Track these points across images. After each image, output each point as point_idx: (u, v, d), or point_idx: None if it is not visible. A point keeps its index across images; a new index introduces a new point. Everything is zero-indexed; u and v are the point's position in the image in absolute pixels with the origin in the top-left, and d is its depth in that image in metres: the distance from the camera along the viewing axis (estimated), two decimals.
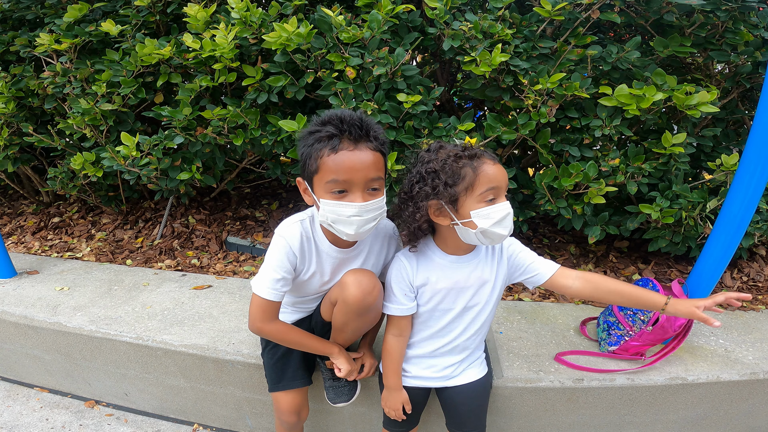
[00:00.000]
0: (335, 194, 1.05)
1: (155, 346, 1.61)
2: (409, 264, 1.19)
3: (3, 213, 2.78)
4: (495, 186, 1.04)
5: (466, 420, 1.32)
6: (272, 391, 1.39)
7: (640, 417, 1.53)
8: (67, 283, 1.99)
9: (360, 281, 1.16)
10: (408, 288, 1.20)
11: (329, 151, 1.03)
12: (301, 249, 1.19)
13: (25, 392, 1.90)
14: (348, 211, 1.05)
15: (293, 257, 1.18)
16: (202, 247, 2.32)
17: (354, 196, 1.05)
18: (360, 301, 1.16)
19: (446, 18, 1.65)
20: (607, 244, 2.28)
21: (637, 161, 1.72)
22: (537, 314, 1.79)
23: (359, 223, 1.06)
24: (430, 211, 1.09)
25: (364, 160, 1.04)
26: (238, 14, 1.69)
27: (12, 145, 2.23)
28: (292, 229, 1.19)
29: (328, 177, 1.04)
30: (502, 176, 1.05)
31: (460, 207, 1.06)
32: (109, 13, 2.06)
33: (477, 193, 1.04)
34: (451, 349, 1.26)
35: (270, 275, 1.18)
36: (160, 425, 1.76)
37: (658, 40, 1.70)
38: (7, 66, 2.18)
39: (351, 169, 1.03)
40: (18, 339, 1.80)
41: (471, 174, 1.03)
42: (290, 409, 1.37)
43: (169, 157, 1.97)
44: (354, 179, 1.04)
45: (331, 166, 1.03)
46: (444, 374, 1.29)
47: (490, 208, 1.04)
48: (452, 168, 1.04)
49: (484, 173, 1.03)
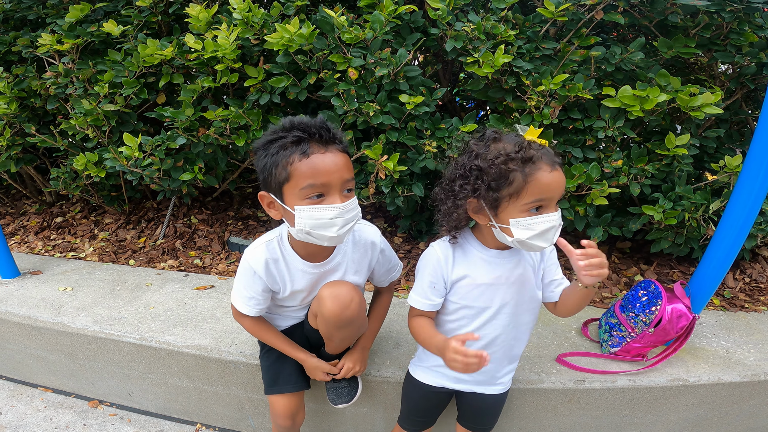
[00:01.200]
0: (313, 199, 1.02)
1: (158, 346, 1.61)
2: (445, 257, 1.10)
3: (6, 213, 2.78)
4: (546, 197, 0.94)
5: (482, 420, 1.32)
6: (267, 393, 1.38)
7: (641, 418, 1.53)
8: (71, 283, 2.00)
9: (337, 295, 1.14)
10: (441, 282, 1.11)
11: (300, 156, 0.99)
12: (267, 272, 1.17)
13: (29, 392, 1.91)
14: (329, 213, 1.02)
15: (260, 281, 1.18)
16: (205, 248, 2.32)
17: (332, 198, 1.02)
18: (337, 315, 1.14)
19: (449, 19, 1.64)
20: (610, 245, 2.28)
21: (640, 162, 1.71)
22: (539, 315, 1.79)
23: (341, 223, 1.04)
24: (469, 208, 1.02)
25: (338, 162, 1.02)
26: (239, 15, 1.68)
27: (15, 146, 2.23)
28: (256, 253, 1.17)
29: (302, 183, 0.99)
30: (557, 185, 0.94)
31: (501, 212, 0.97)
32: (111, 13, 2.05)
33: (522, 203, 0.94)
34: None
35: (241, 292, 1.23)
36: (163, 425, 1.77)
37: (662, 41, 1.69)
38: (10, 66, 2.17)
39: (327, 172, 1.00)
40: (22, 339, 1.81)
41: (520, 180, 0.92)
42: (285, 413, 1.37)
43: (171, 158, 1.97)
44: (331, 182, 1.01)
45: (305, 171, 0.99)
46: (474, 380, 1.23)
47: (532, 219, 0.95)
48: (500, 170, 0.93)
49: (535, 182, 0.92)
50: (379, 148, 1.72)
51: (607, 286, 2.00)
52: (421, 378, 1.29)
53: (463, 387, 1.26)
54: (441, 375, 1.26)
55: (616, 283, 2.02)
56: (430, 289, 1.12)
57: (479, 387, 1.26)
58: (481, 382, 1.25)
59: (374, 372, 1.49)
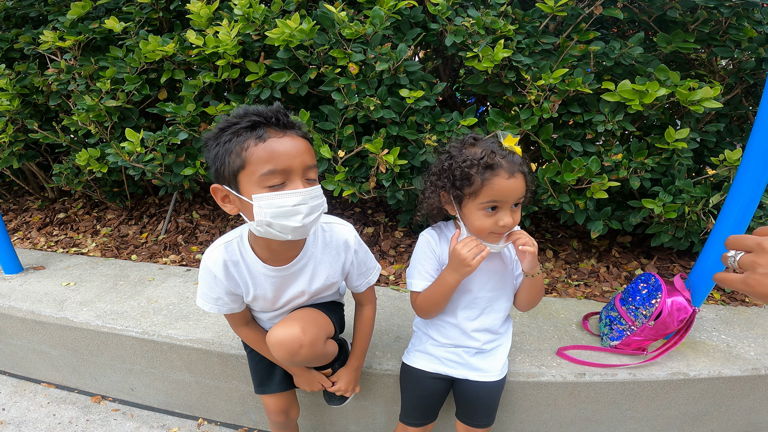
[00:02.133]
0: (273, 188, 0.93)
1: (160, 340, 1.62)
2: (435, 240, 1.23)
3: (8, 209, 2.80)
4: (499, 200, 1.07)
5: (478, 414, 1.33)
6: (257, 393, 1.39)
7: (641, 412, 1.53)
8: (74, 278, 2.01)
9: (282, 343, 1.07)
10: (435, 261, 1.23)
11: (256, 141, 0.91)
12: (227, 274, 1.10)
13: (32, 388, 1.92)
14: (291, 200, 0.93)
15: (221, 284, 1.11)
16: (206, 242, 2.33)
17: (294, 184, 0.94)
18: (289, 360, 1.09)
19: (448, 14, 1.64)
20: (610, 239, 2.28)
21: (640, 156, 1.72)
22: (539, 309, 1.80)
23: (306, 211, 0.95)
24: (442, 199, 1.15)
25: (298, 146, 0.94)
26: (240, 11, 1.69)
27: (17, 142, 2.24)
28: (213, 255, 1.10)
29: (261, 169, 0.91)
30: (510, 191, 1.06)
31: (464, 207, 1.12)
32: (113, 10, 2.06)
33: (479, 202, 1.08)
34: (467, 337, 1.27)
35: (206, 294, 1.14)
36: (166, 420, 1.78)
37: (662, 36, 1.70)
38: (12, 63, 2.18)
39: (288, 155, 0.92)
40: (25, 334, 1.82)
41: (479, 183, 1.06)
42: (277, 410, 1.37)
43: (173, 153, 1.98)
44: (293, 166, 0.93)
45: (263, 155, 0.91)
46: (464, 362, 1.30)
47: (488, 219, 1.09)
48: (463, 172, 1.07)
49: (491, 186, 1.06)
50: (379, 142, 1.72)
51: (607, 280, 2.01)
52: (414, 363, 1.35)
53: (455, 372, 1.31)
54: (435, 360, 1.32)
55: (617, 277, 2.03)
56: (430, 267, 1.23)
57: (472, 373, 1.30)
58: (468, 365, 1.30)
59: (375, 365, 1.49)
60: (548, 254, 2.21)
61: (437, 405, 1.38)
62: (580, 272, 2.08)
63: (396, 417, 1.44)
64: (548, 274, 2.07)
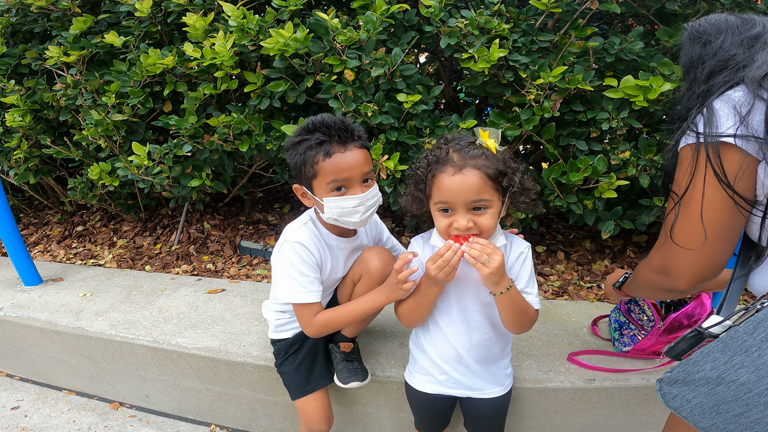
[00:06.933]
0: (337, 192, 1.17)
1: (170, 348, 1.66)
2: (418, 247, 1.18)
3: (30, 223, 2.90)
4: (447, 200, 0.99)
5: (485, 428, 1.30)
6: (299, 397, 1.39)
7: (658, 417, 1.48)
8: (90, 289, 2.07)
9: (380, 254, 1.31)
10: (422, 270, 1.12)
11: (323, 156, 1.13)
12: (316, 248, 1.27)
13: (54, 395, 2.00)
14: (352, 203, 1.17)
15: (312, 257, 1.26)
16: (217, 252, 2.37)
17: (353, 189, 1.17)
18: (381, 269, 1.28)
19: (441, 15, 1.62)
20: (625, 239, 2.21)
21: (649, 153, 1.65)
22: (549, 312, 1.76)
23: (363, 210, 1.19)
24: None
25: (357, 158, 1.15)
26: (235, 22, 1.70)
27: (32, 158, 2.31)
28: (302, 232, 1.27)
29: (328, 179, 1.15)
30: (456, 189, 0.97)
31: (431, 209, 1.07)
32: (114, 24, 2.09)
33: (433, 203, 1.03)
34: (458, 354, 1.18)
35: (300, 282, 1.22)
36: (180, 426, 1.82)
37: (663, 30, 1.63)
38: (21, 79, 2.22)
39: (347, 169, 1.14)
40: (44, 343, 1.89)
41: (430, 182, 1.03)
42: (320, 415, 1.38)
43: (179, 165, 2.01)
44: (351, 176, 1.15)
45: (329, 169, 1.14)
46: (461, 382, 1.22)
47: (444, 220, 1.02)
48: (417, 173, 1.06)
49: (437, 184, 1.00)
50: (379, 148, 1.71)
51: None
52: (416, 385, 1.27)
53: (457, 392, 1.24)
54: (434, 380, 1.24)
55: None
56: None
57: (474, 391, 1.23)
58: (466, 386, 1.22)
59: (378, 372, 1.49)
60: (560, 256, 2.16)
61: (446, 417, 1.36)
62: (593, 274, 2.03)
63: (402, 423, 1.44)
64: (560, 277, 2.02)
